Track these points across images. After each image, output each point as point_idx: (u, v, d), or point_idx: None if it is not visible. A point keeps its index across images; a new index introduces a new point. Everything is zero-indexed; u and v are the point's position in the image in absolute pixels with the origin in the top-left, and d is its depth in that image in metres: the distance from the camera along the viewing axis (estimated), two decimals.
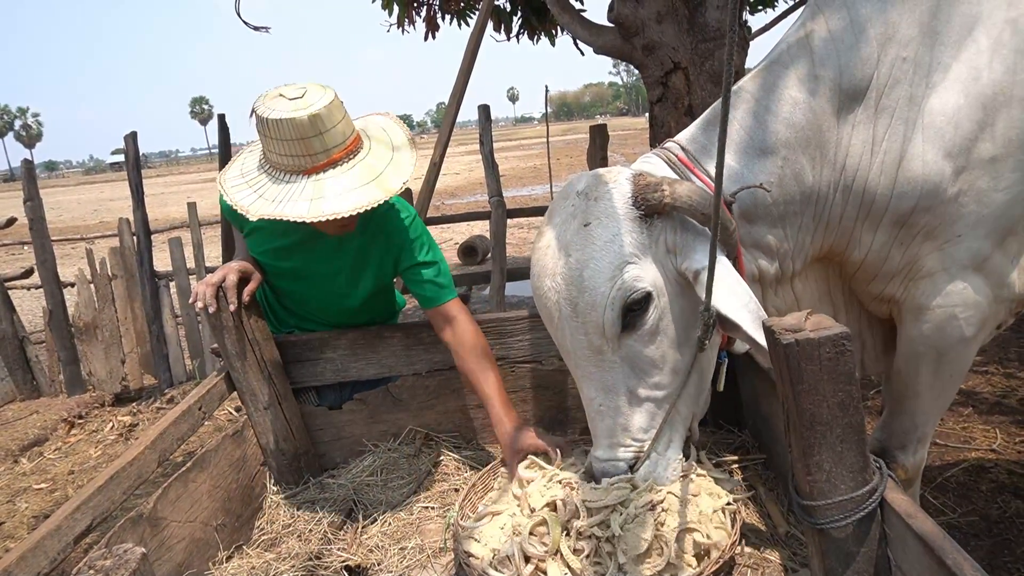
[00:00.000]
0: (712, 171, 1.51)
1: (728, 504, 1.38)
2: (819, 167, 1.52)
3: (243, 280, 1.84)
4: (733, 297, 1.33)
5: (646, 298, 1.38)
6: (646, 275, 1.38)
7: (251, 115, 1.68)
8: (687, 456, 1.52)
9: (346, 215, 1.59)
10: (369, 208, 1.63)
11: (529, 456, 1.66)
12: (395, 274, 2.00)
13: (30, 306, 7.74)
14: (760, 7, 5.14)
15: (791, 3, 4.73)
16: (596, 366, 1.43)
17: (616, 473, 1.44)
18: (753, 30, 4.04)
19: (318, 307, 2.07)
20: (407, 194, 5.35)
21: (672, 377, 1.46)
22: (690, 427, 1.55)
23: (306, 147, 1.61)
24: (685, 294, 1.44)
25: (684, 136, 1.63)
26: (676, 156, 1.56)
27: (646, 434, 1.45)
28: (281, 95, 1.64)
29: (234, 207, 1.67)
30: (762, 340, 1.28)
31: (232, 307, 1.77)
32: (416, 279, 1.93)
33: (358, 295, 2.00)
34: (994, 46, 1.44)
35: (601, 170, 1.48)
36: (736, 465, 1.63)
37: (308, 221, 1.60)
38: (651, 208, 1.37)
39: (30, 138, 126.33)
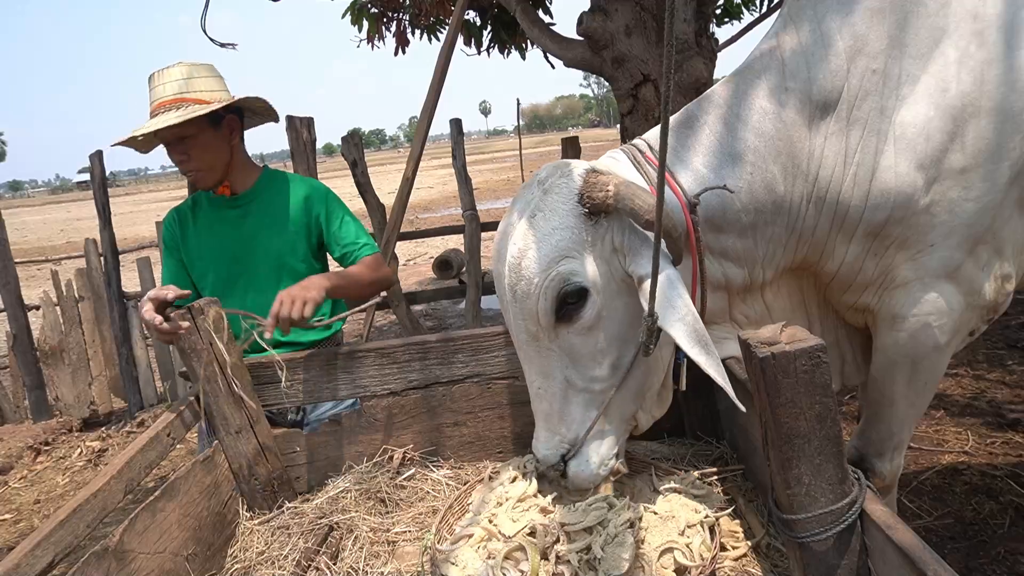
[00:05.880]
0: (679, 174, 1.51)
1: (707, 517, 1.37)
2: (791, 178, 1.52)
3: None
4: (671, 309, 1.32)
5: (582, 293, 1.39)
6: (584, 271, 1.38)
7: None
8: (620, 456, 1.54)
9: (127, 136, 2.12)
10: (148, 130, 2.07)
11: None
12: (313, 224, 2.30)
13: None
14: (727, 19, 5.21)
15: (756, 15, 4.81)
16: (535, 351, 1.46)
17: (552, 461, 1.47)
18: (720, 42, 4.09)
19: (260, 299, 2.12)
20: (380, 208, 5.30)
21: (611, 372, 1.46)
22: (637, 423, 1.56)
23: (150, 94, 2.19)
24: (631, 293, 1.43)
25: (652, 134, 1.63)
26: (644, 155, 1.57)
27: (581, 425, 1.46)
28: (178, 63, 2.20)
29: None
30: (696, 355, 1.28)
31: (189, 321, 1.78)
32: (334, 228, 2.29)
33: (296, 260, 2.26)
34: (961, 58, 1.45)
35: (563, 161, 1.50)
36: (715, 477, 1.62)
37: (121, 140, 2.15)
38: (595, 207, 1.36)
39: None
